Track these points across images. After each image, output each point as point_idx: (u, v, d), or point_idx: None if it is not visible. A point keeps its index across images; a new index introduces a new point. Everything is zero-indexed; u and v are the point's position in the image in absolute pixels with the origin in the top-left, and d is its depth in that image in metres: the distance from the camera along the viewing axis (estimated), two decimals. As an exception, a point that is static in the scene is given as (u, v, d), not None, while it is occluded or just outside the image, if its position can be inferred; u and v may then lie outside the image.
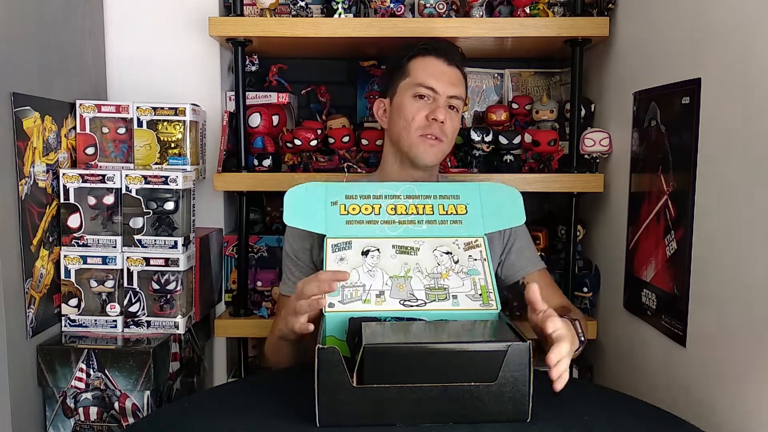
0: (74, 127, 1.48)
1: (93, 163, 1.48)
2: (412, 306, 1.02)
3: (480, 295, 1.06)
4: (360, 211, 1.12)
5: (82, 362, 1.34)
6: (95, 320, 1.44)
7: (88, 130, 1.48)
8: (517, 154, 1.60)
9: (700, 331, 1.13)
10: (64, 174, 1.41)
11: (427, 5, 1.54)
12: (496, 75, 1.80)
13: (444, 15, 1.54)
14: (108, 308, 1.44)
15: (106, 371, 1.34)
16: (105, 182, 1.42)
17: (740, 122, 1.01)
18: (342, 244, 1.08)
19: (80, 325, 1.43)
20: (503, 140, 1.56)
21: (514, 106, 1.68)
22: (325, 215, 1.11)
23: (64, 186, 1.41)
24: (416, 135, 1.30)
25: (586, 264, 1.68)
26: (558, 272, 1.61)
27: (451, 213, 1.15)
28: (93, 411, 1.36)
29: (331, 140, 1.58)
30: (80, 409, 1.36)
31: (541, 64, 1.81)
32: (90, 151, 1.48)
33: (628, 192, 1.44)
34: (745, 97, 1.00)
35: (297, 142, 1.57)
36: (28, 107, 1.29)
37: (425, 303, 1.03)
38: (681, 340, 1.18)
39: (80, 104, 1.47)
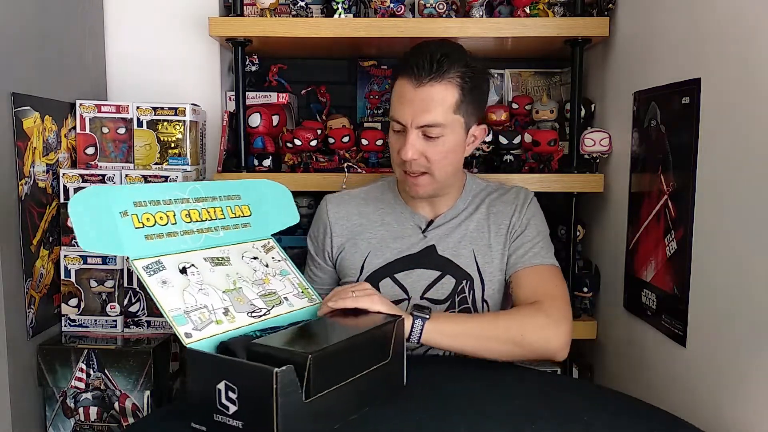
0: (74, 127, 1.48)
1: (93, 163, 1.48)
2: (260, 316, 0.99)
3: (302, 292, 1.10)
4: (155, 221, 0.98)
5: (82, 362, 1.34)
6: (95, 320, 1.44)
7: (88, 130, 1.48)
8: (517, 154, 1.59)
9: (700, 331, 1.13)
10: (64, 174, 1.41)
11: (427, 5, 1.54)
12: (496, 75, 1.79)
13: (444, 15, 1.54)
14: (108, 308, 1.44)
15: (106, 371, 1.34)
16: (105, 182, 1.42)
17: (740, 122, 1.01)
18: (153, 265, 0.94)
19: (80, 325, 1.43)
20: (503, 140, 1.56)
21: (514, 106, 1.68)
22: (119, 231, 0.93)
23: (64, 186, 1.41)
24: (399, 171, 1.23)
25: (586, 264, 1.68)
26: (558, 272, 1.61)
27: (239, 215, 1.10)
28: (93, 411, 1.36)
29: (331, 140, 1.58)
30: (80, 409, 1.36)
31: (541, 64, 1.81)
32: (90, 151, 1.48)
33: (628, 192, 1.44)
34: (745, 97, 1.00)
35: (297, 142, 1.57)
36: (28, 107, 1.29)
37: (268, 311, 1.01)
38: (681, 340, 1.18)
39: (80, 104, 1.47)
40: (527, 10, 1.55)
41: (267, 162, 1.58)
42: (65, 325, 1.43)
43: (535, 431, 0.90)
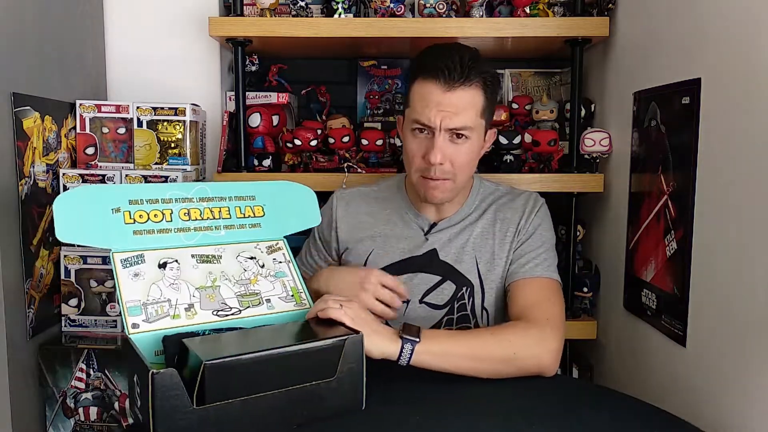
0: (74, 127, 1.48)
1: (93, 163, 1.48)
2: (227, 315, 0.97)
3: (292, 296, 1.06)
4: (149, 218, 0.98)
5: (82, 362, 1.34)
6: (95, 320, 1.44)
7: (88, 130, 1.48)
8: (517, 154, 1.59)
9: (700, 331, 1.13)
10: (64, 174, 1.41)
11: (427, 5, 1.54)
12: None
13: (444, 15, 1.54)
14: (108, 308, 1.44)
15: (106, 371, 1.34)
16: (105, 182, 1.42)
17: (740, 122, 1.01)
18: (133, 258, 0.95)
19: (80, 325, 1.43)
20: (503, 140, 1.56)
21: (514, 106, 1.68)
22: (107, 226, 0.95)
23: (64, 186, 1.41)
24: (417, 176, 1.20)
25: (586, 264, 1.68)
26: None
27: (249, 216, 1.08)
28: (93, 411, 1.36)
29: (331, 140, 1.58)
30: (80, 409, 1.36)
31: (541, 64, 1.81)
32: (90, 151, 1.48)
33: (628, 192, 1.44)
34: (745, 97, 1.00)
35: (297, 142, 1.57)
36: (28, 107, 1.29)
37: (240, 311, 0.99)
38: (681, 340, 1.18)
39: (80, 104, 1.47)
40: (527, 10, 1.55)
41: (267, 162, 1.58)
42: (65, 325, 1.43)
43: (536, 431, 0.90)
